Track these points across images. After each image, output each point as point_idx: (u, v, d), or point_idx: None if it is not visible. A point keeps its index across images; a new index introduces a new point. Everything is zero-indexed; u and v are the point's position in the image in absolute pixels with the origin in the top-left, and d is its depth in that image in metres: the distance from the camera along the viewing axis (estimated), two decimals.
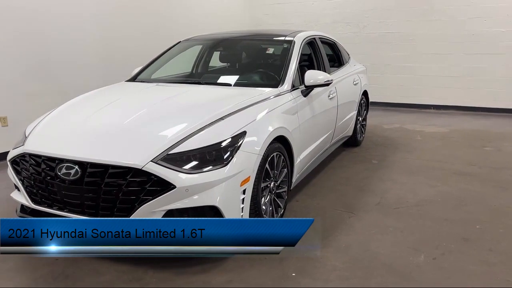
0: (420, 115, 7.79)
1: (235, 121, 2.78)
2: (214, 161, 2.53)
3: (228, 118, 2.78)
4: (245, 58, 4.19)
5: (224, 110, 2.85)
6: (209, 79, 3.91)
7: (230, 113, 2.84)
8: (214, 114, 2.79)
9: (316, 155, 4.09)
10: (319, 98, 3.93)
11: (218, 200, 2.48)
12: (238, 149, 2.62)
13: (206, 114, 2.79)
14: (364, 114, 5.68)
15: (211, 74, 4.18)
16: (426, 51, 8.11)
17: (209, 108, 2.93)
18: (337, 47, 5.15)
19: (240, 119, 2.81)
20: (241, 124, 2.76)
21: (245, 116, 2.86)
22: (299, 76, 3.69)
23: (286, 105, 3.29)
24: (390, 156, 5.10)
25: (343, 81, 4.71)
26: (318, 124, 3.95)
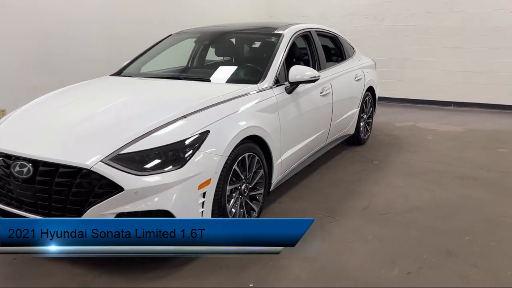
0: (438, 112, 7.41)
1: (199, 120, 2.63)
2: (169, 162, 2.40)
3: (191, 116, 2.64)
4: (232, 52, 4.03)
5: (189, 107, 2.70)
6: (190, 74, 3.76)
7: (196, 111, 2.69)
8: (177, 111, 2.65)
9: (305, 155, 3.89)
10: (308, 95, 3.73)
11: (172, 204, 2.35)
12: (198, 150, 2.48)
13: (170, 112, 2.65)
14: (369, 112, 5.40)
15: (195, 69, 4.04)
16: (447, 44, 7.69)
17: (175, 105, 2.79)
18: (338, 40, 4.90)
19: (205, 117, 2.66)
20: (205, 122, 2.61)
21: (212, 114, 2.71)
22: (285, 72, 3.49)
23: (264, 103, 3.12)
24: (392, 156, 4.83)
25: (341, 76, 4.47)
26: (307, 122, 3.75)
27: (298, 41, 4.21)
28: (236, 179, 2.86)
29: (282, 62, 3.52)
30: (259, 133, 2.99)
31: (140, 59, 4.09)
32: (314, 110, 3.86)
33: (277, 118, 3.24)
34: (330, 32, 4.75)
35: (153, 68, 4.10)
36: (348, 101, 4.68)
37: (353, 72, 4.82)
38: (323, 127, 4.15)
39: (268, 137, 3.09)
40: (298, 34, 3.97)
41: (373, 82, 5.33)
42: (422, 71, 8.01)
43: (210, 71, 3.73)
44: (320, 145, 4.23)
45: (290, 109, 3.43)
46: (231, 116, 2.78)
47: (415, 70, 8.08)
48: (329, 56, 4.71)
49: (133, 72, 3.87)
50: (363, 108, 5.20)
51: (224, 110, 2.78)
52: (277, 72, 3.41)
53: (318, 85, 3.93)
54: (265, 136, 3.05)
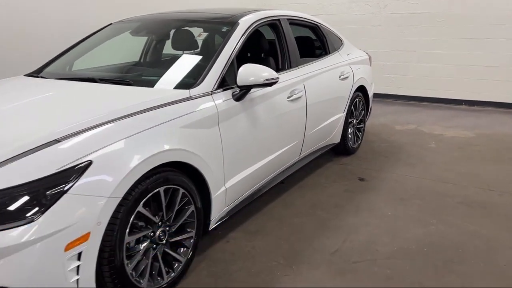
0: (445, 112, 6.51)
1: (78, 145, 1.83)
2: (16, 212, 1.62)
3: (69, 140, 1.84)
4: (173, 45, 3.21)
5: (73, 126, 1.91)
6: (110, 75, 2.94)
7: (79, 131, 1.89)
8: (53, 131, 1.86)
9: (268, 175, 3.10)
10: (269, 101, 2.93)
11: (13, 277, 1.58)
12: (67, 192, 1.70)
13: (42, 132, 1.87)
14: (360, 116, 4.56)
15: (121, 68, 3.22)
16: (458, 35, 6.76)
17: (57, 121, 1.99)
18: (320, 31, 4.06)
19: (88, 141, 1.86)
20: (85, 149, 1.82)
21: (102, 136, 1.91)
22: (235, 73, 2.68)
23: (195, 115, 2.32)
24: (385, 171, 4.00)
25: (320, 75, 3.64)
26: (268, 135, 2.95)
27: (268, 33, 3.41)
28: (146, 223, 2.09)
29: (232, 60, 2.72)
30: (185, 157, 2.20)
31: (68, 55, 3.31)
32: (279, 119, 3.06)
33: (218, 135, 2.45)
34: (308, 21, 3.90)
35: (89, 65, 3.33)
36: (329, 105, 3.85)
37: (337, 70, 3.98)
38: (294, 139, 3.34)
39: (201, 162, 2.31)
40: (261, 23, 3.15)
41: (364, 81, 4.48)
42: (429, 65, 7.10)
43: (136, 71, 2.94)
44: (291, 160, 3.43)
45: (240, 121, 2.63)
46: (133, 137, 1.98)
47: (421, 64, 7.17)
48: (307, 50, 3.88)
49: (55, 71, 3.09)
50: (352, 111, 4.36)
51: (124, 129, 1.99)
52: (221, 73, 2.60)
53: (285, 87, 3.13)
54: (196, 161, 2.27)
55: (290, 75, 3.25)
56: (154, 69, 2.95)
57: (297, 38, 4.17)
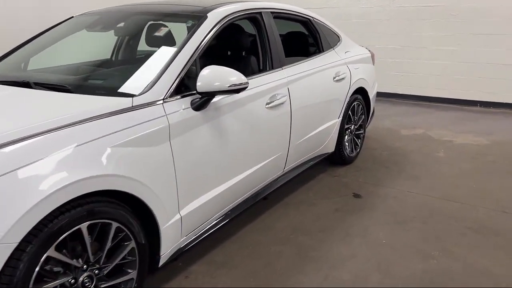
0: (458, 114, 5.98)
1: None
2: None
3: None
4: (132, 44, 2.78)
5: None
6: (51, 78, 2.49)
7: None
8: None
9: (242, 195, 2.66)
10: (240, 108, 2.48)
11: None
12: None
13: None
14: (359, 121, 4.09)
15: (75, 68, 2.78)
16: (474, 30, 6.20)
17: None
18: (313, 26, 3.58)
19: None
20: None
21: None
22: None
23: (136, 130, 1.88)
24: (385, 185, 3.53)
25: (309, 77, 3.18)
26: (240, 149, 2.51)
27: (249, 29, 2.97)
28: (64, 268, 1.67)
29: (194, 60, 2.27)
30: (119, 185, 1.78)
31: (21, 52, 2.89)
32: (255, 130, 2.62)
33: (168, 153, 2.01)
34: (297, 14, 3.42)
35: (48, 64, 2.92)
36: (321, 110, 3.39)
37: (331, 70, 3.51)
38: (276, 151, 2.90)
39: (143, 189, 1.88)
40: (236, 17, 2.69)
41: (364, 82, 4.00)
42: (441, 62, 6.56)
43: (85, 73, 2.50)
44: (273, 175, 2.98)
45: (201, 135, 2.19)
46: (41, 163, 1.55)
47: (432, 61, 6.63)
48: (296, 48, 3.43)
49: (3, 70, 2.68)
50: (350, 116, 3.89)
51: (31, 151, 1.56)
52: (178, 77, 2.16)
53: (263, 92, 2.69)
54: (136, 188, 1.84)
55: (270, 78, 2.80)
56: (103, 71, 2.51)
57: (285, 34, 3.73)
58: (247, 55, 3.03)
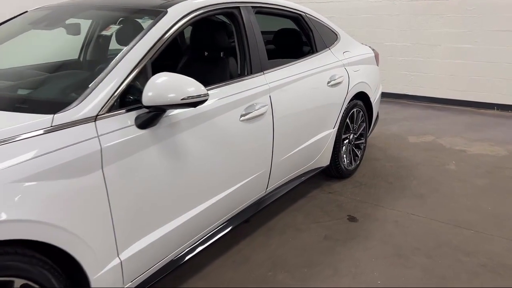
0: (473, 119, 5.47)
1: None
2: None
3: None
4: (83, 45, 2.36)
5: None
6: None
7: None
8: None
9: (209, 225, 2.25)
10: (205, 123, 2.06)
11: None
12: None
13: None
14: (359, 129, 3.63)
15: (16, 73, 2.38)
16: (493, 27, 5.67)
17: None
18: (305, 23, 3.13)
19: None
20: None
21: None
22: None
23: (54, 158, 1.47)
24: (386, 205, 3.08)
25: (296, 83, 2.74)
26: (205, 172, 2.09)
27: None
28: None
29: (143, 66, 1.85)
30: (28, 233, 1.38)
31: None
32: (226, 148, 2.20)
33: (101, 184, 1.60)
34: (286, 9, 2.97)
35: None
36: (312, 120, 2.95)
37: (325, 73, 3.06)
38: (256, 170, 2.48)
39: (63, 234, 1.47)
40: (205, 13, 2.26)
41: (365, 86, 3.54)
42: (456, 61, 6.04)
43: (18, 80, 2.09)
44: (252, 197, 2.57)
45: (147, 158, 1.78)
46: None
47: (447, 60, 6.11)
48: (284, 48, 3.00)
49: None
50: (348, 125, 3.44)
51: None
52: (119, 87, 1.74)
53: (237, 102, 2.27)
54: (52, 234, 1.44)
55: (247, 85, 2.37)
56: (31, 80, 2.07)
57: (277, 32, 3.30)
58: (223, 58, 2.61)
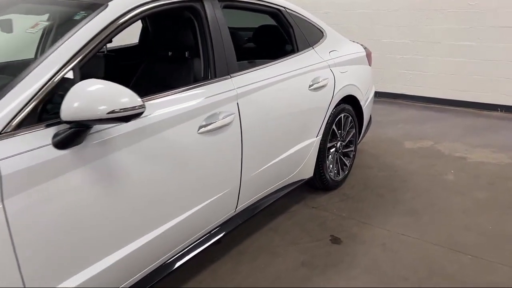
0: (475, 121, 5.12)
1: None
2: None
3: None
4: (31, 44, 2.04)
5: None
6: None
7: None
8: None
9: (164, 254, 1.93)
10: (150, 139, 1.74)
11: None
12: None
13: None
14: (348, 136, 3.30)
15: None
16: (496, 23, 5.30)
17: None
18: (285, 18, 2.79)
19: None
20: None
21: None
22: None
23: None
24: (374, 223, 2.75)
25: (270, 87, 2.41)
26: (150, 197, 1.77)
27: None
28: None
29: (67, 71, 1.53)
30: None
31: None
32: (178, 167, 1.88)
33: (1, 219, 1.28)
34: (261, 3, 2.62)
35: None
36: (290, 129, 2.63)
37: (307, 76, 2.73)
38: (221, 188, 2.16)
39: None
40: (157, 6, 1.93)
41: (354, 89, 3.20)
42: (457, 60, 5.68)
43: None
44: (219, 219, 2.25)
45: (66, 186, 1.46)
46: None
47: (447, 58, 5.75)
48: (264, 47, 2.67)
49: None
50: (334, 132, 3.11)
51: None
52: (35, 96, 1.43)
53: (195, 111, 1.95)
54: None
55: (209, 91, 2.05)
56: None
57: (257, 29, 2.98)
58: (187, 59, 2.29)
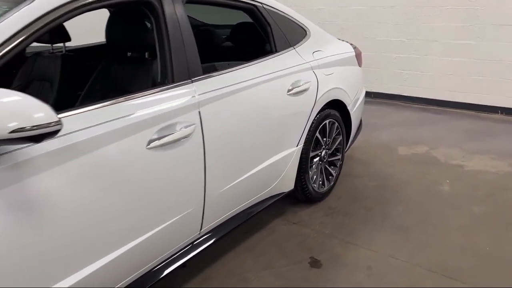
0: (474, 124, 4.85)
1: None
2: None
3: None
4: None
5: None
6: None
7: None
8: None
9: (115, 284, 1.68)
10: (85, 157, 1.48)
11: None
12: None
13: None
14: (335, 143, 3.04)
15: None
16: (498, 20, 5.02)
17: None
18: (262, 15, 2.51)
19: None
20: None
21: None
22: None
23: None
24: (359, 243, 2.49)
25: (239, 94, 2.15)
26: (81, 226, 1.52)
27: None
28: None
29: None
30: None
31: None
32: (121, 189, 1.61)
33: None
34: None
35: None
36: (265, 139, 2.36)
37: (285, 79, 2.46)
38: (179, 210, 1.90)
39: None
40: (97, 2, 1.66)
41: (340, 93, 2.94)
42: (456, 59, 5.40)
43: None
44: (179, 243, 1.99)
45: None
46: None
47: (445, 58, 5.47)
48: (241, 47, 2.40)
49: None
50: (318, 141, 2.84)
51: None
52: None
53: (143, 123, 1.67)
54: None
55: (163, 98, 1.78)
56: None
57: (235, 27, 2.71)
58: (147, 60, 2.04)
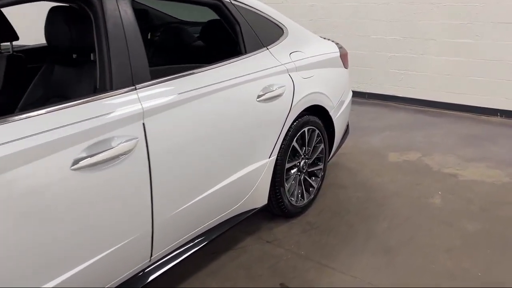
0: (472, 128, 4.58)
1: None
2: None
3: None
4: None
5: None
6: None
7: None
8: None
9: None
10: None
11: None
12: None
13: None
14: (316, 153, 2.78)
15: None
16: (497, 18, 4.75)
17: None
18: (229, 12, 2.25)
19: None
20: None
21: None
22: None
23: None
24: (336, 267, 2.23)
25: (194, 102, 1.89)
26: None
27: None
28: None
29: None
30: None
31: None
32: (40, 219, 1.37)
33: None
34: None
35: None
36: (228, 151, 2.10)
37: (254, 83, 2.20)
38: (122, 237, 1.65)
39: None
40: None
41: (321, 97, 2.67)
42: (453, 59, 5.14)
43: None
44: (123, 274, 1.73)
45: None
46: None
47: (442, 57, 5.21)
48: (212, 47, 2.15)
49: None
50: (295, 151, 2.59)
51: None
52: None
53: (65, 140, 1.42)
54: None
55: (95, 109, 1.53)
56: None
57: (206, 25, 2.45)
58: (91, 62, 1.80)
